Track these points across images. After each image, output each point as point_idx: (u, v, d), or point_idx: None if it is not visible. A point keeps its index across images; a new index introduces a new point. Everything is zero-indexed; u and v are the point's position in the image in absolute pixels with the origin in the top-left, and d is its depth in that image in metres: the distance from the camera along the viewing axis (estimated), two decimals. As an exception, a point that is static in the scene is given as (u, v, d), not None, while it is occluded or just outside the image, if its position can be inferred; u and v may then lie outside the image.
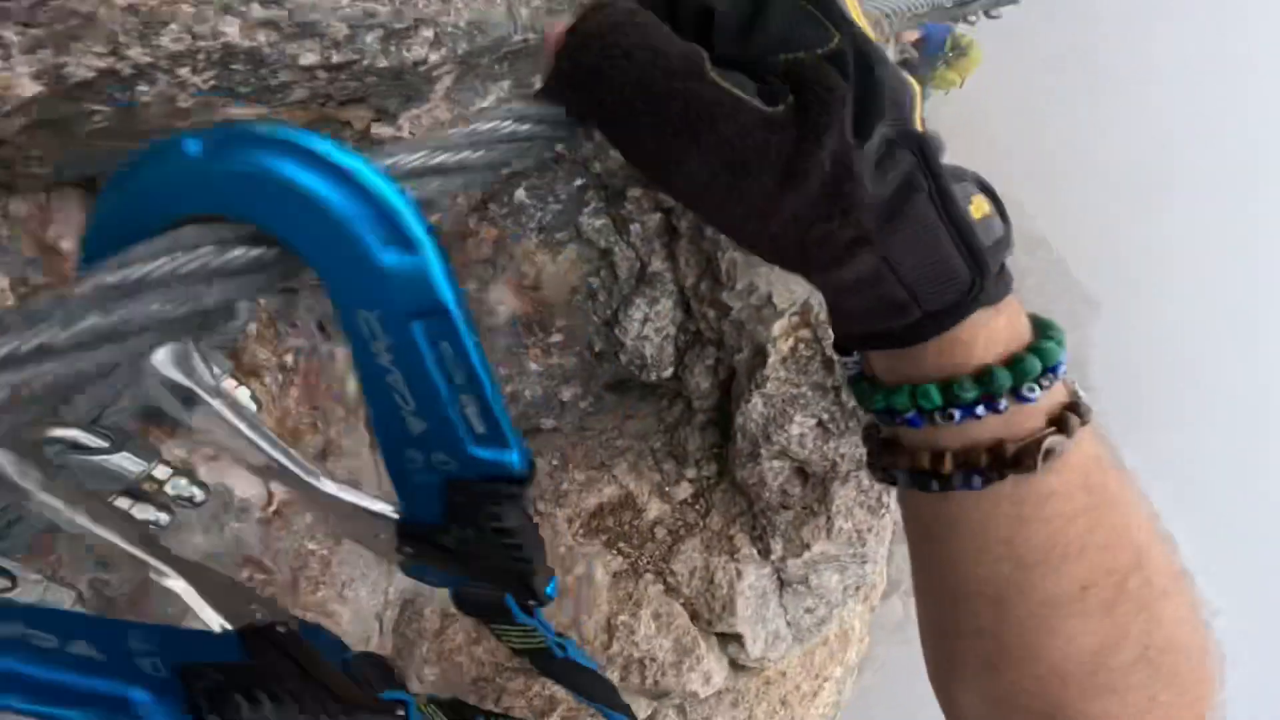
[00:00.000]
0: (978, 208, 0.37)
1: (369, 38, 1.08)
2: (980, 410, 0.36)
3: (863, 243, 0.34)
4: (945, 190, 0.35)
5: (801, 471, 2.43)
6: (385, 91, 1.29)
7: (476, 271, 2.34)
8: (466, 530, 0.33)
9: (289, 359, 1.97)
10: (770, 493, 2.51)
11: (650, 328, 2.21)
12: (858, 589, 3.04)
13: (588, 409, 3.06)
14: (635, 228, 2.02)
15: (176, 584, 0.42)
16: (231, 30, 0.96)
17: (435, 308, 0.28)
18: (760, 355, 2.03)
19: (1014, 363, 0.37)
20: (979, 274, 0.35)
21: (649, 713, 2.83)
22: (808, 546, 2.50)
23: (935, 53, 7.58)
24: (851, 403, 2.11)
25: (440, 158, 0.31)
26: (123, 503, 0.63)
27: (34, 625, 0.35)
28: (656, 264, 2.09)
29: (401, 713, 0.43)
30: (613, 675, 2.84)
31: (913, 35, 7.37)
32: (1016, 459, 0.37)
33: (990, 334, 0.37)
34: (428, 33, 1.15)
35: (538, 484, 3.13)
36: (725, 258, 1.93)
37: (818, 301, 1.94)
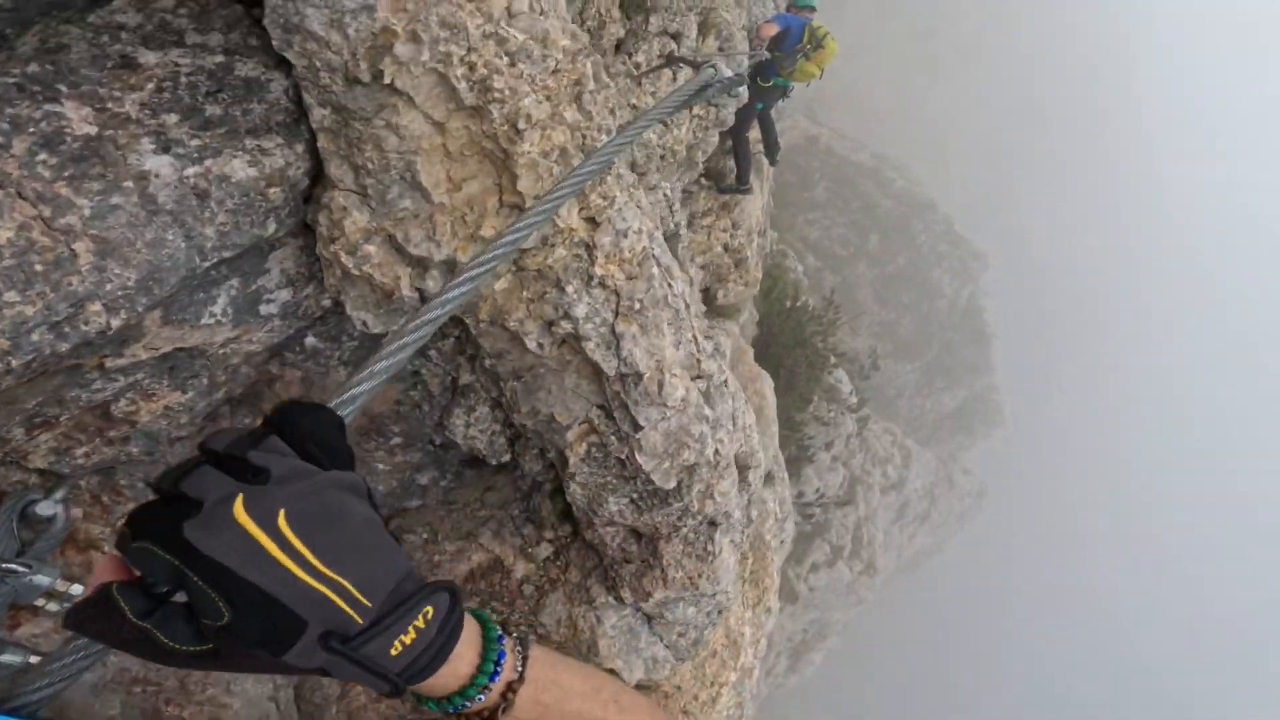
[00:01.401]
0: (415, 628, 0.60)
1: (34, 336, 1.20)
2: (457, 706, 0.69)
3: (322, 672, 0.57)
4: (365, 664, 0.58)
5: (635, 532, 2.72)
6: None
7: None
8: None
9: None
10: (613, 550, 2.81)
11: (475, 429, 2.44)
12: (720, 612, 3.40)
13: (450, 485, 3.27)
14: (433, 352, 2.25)
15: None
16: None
17: None
18: (563, 457, 2.30)
19: (462, 691, 0.68)
20: (394, 685, 0.60)
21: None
22: (650, 595, 2.82)
23: (794, 45, 7.84)
24: (655, 485, 2.43)
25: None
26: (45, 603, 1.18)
27: None
28: (466, 377, 2.32)
29: None
30: None
31: (772, 29, 7.65)
32: (492, 716, 0.70)
33: (441, 683, 0.66)
34: (96, 306, 1.28)
35: (411, 556, 3.33)
36: (508, 387, 2.19)
37: (597, 415, 2.28)
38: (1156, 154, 64.18)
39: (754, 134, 9.26)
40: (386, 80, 1.73)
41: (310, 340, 2.08)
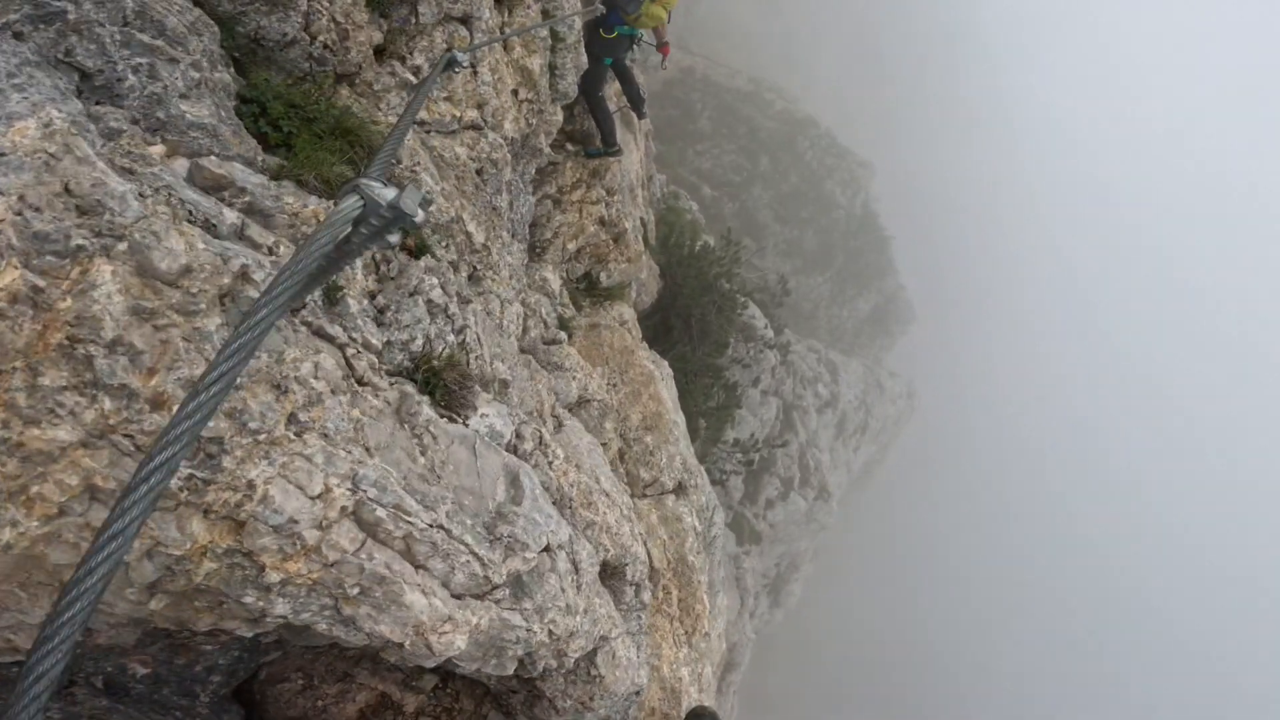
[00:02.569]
0: None
1: None
2: None
3: None
4: None
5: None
6: None
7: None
8: None
9: None
10: (493, 684, 2.35)
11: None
12: (638, 693, 3.01)
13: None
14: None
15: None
16: None
17: None
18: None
19: None
20: None
21: None
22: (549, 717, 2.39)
23: None
24: (495, 675, 1.97)
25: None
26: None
27: None
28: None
29: None
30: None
31: None
32: None
33: None
34: None
35: (294, 703, 2.83)
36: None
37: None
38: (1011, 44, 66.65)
39: (615, 88, 8.56)
40: None
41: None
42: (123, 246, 1.20)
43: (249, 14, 2.97)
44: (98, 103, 1.94)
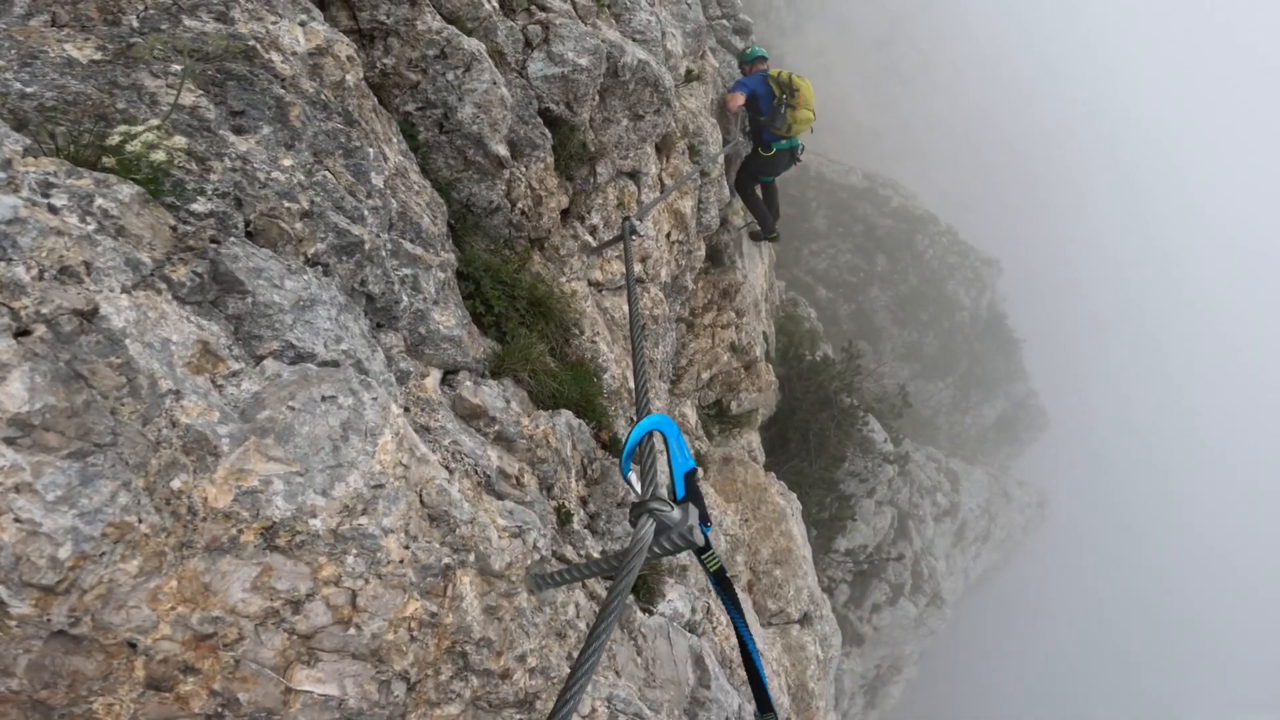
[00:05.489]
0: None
1: None
2: None
3: None
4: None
5: None
6: None
7: None
8: None
9: None
10: None
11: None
12: None
13: None
14: None
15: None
16: None
17: None
18: None
19: None
20: None
21: None
22: None
23: (770, 103, 7.43)
24: None
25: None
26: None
27: None
28: None
29: None
30: None
31: (737, 99, 7.24)
32: None
33: None
34: None
35: None
36: None
37: None
38: (1130, 138, 63.47)
39: None
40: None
41: None
42: (471, 557, 1.41)
43: (463, 181, 3.26)
44: (379, 325, 2.24)
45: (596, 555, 2.07)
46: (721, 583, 1.44)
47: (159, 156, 1.26)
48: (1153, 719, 48.16)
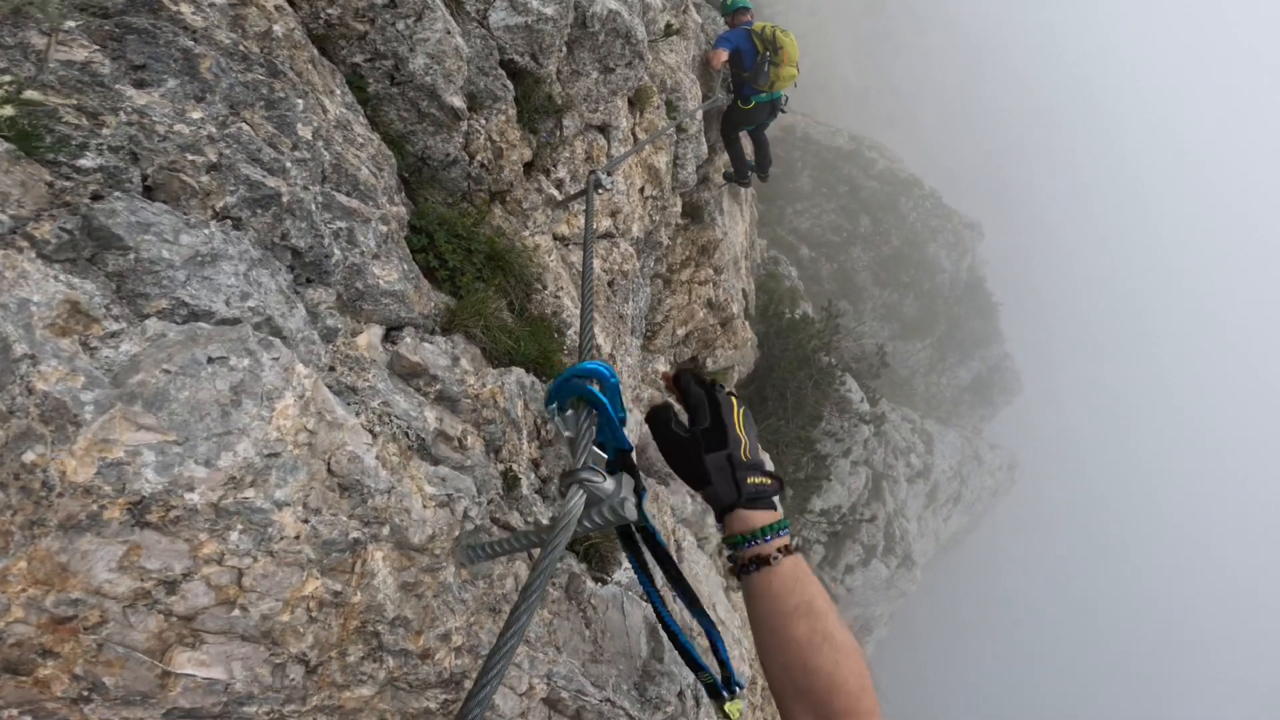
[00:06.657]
0: (762, 482, 1.28)
1: None
2: (751, 544, 1.19)
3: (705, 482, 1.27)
4: (739, 467, 1.26)
5: None
6: None
7: None
8: None
9: None
10: None
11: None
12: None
13: None
14: None
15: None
16: None
17: None
18: None
19: (765, 529, 1.20)
20: (736, 498, 1.23)
21: None
22: None
23: (753, 59, 7.31)
24: None
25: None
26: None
27: None
28: None
29: None
30: None
31: (720, 55, 7.06)
32: (765, 560, 1.17)
33: (751, 519, 1.22)
34: None
35: None
36: None
37: None
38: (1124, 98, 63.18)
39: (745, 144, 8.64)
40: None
41: None
42: (386, 531, 1.30)
43: (417, 133, 3.09)
44: (308, 280, 2.09)
45: (546, 522, 1.99)
46: (654, 550, 1.46)
47: (6, 112, 1.13)
48: (1118, 676, 50.59)
